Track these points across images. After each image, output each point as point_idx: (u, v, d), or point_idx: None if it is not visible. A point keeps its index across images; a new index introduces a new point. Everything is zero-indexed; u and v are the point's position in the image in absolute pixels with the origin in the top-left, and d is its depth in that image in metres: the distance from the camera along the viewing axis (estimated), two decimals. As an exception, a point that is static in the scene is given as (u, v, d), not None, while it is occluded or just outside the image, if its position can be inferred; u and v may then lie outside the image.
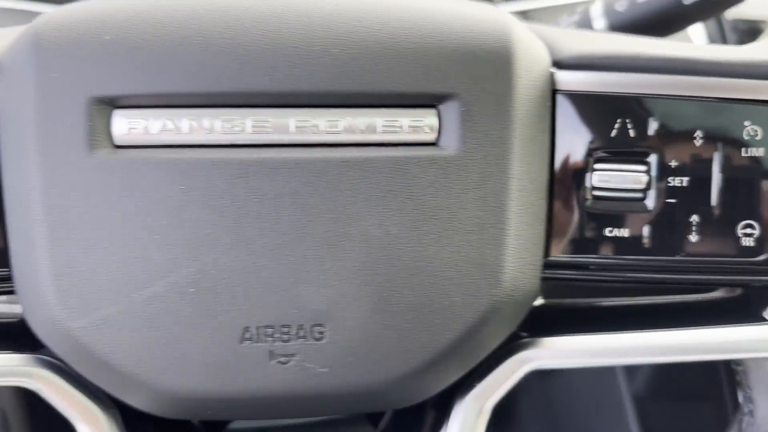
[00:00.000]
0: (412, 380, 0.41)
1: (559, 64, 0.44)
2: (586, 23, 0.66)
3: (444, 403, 0.46)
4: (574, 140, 0.44)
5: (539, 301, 0.52)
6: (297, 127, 0.39)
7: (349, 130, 0.39)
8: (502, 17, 0.42)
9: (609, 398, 1.10)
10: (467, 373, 0.45)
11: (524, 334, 0.47)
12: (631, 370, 1.09)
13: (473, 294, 0.41)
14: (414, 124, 0.40)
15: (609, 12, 0.64)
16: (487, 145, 0.40)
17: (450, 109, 0.40)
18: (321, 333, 0.40)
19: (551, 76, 0.43)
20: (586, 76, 0.43)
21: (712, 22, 0.90)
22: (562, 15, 0.70)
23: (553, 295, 0.54)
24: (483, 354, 0.44)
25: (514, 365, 0.45)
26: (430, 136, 0.40)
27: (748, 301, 0.46)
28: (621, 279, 0.46)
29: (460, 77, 0.40)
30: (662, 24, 0.61)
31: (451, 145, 0.40)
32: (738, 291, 0.48)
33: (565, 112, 0.44)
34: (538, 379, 1.23)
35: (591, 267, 0.45)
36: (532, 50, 0.42)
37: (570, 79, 0.44)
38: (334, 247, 0.39)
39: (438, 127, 0.40)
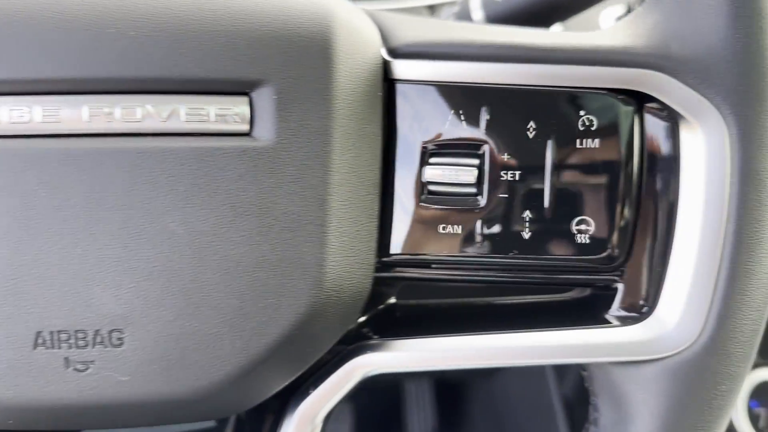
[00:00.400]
0: (227, 389, 0.38)
1: (394, 52, 0.41)
2: (465, 15, 0.64)
3: (282, 410, 0.44)
4: (410, 132, 0.41)
5: (392, 301, 0.49)
6: (90, 115, 0.36)
7: (150, 118, 0.37)
8: (325, 0, 0.39)
9: (540, 400, 1.10)
10: (305, 376, 0.43)
11: (375, 336, 0.45)
12: (560, 372, 1.08)
13: (291, 295, 0.38)
14: (221, 113, 0.37)
15: (486, 3, 0.62)
16: (304, 136, 0.38)
17: (262, 96, 0.37)
18: (120, 339, 0.37)
19: (384, 64, 0.41)
20: (419, 65, 0.41)
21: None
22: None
23: (415, 295, 0.51)
24: (310, 358, 0.41)
25: (352, 369, 0.43)
26: (242, 126, 0.37)
27: (594, 303, 0.44)
28: (463, 278, 0.44)
29: (273, 62, 0.37)
30: (539, 14, 0.59)
31: (264, 135, 0.37)
32: (588, 291, 0.45)
33: (403, 102, 0.41)
34: (483, 379, 1.22)
35: (433, 265, 0.43)
36: (357, 36, 0.40)
37: (404, 68, 0.41)
38: (131, 245, 0.36)
39: (249, 116, 0.37)
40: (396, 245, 0.42)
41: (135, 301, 0.37)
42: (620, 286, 0.42)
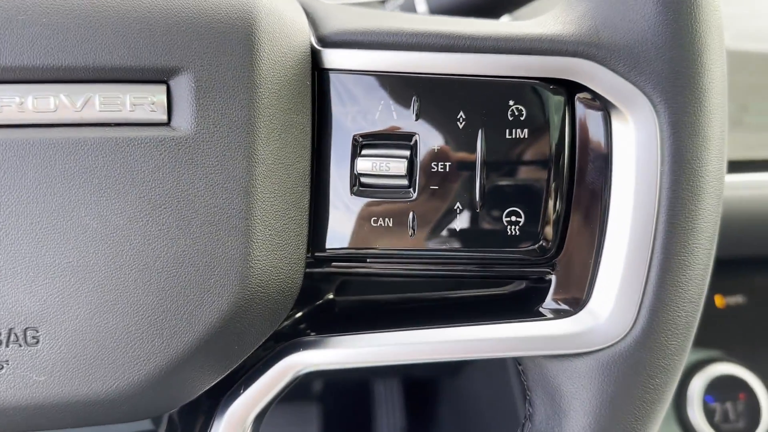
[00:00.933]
0: (148, 389, 0.37)
1: (323, 41, 0.40)
2: (409, 7, 0.63)
3: (214, 410, 0.43)
4: (342, 123, 0.40)
5: (330, 297, 0.48)
6: (1, 105, 0.35)
7: (64, 108, 0.35)
8: None
9: (503, 398, 1.10)
10: (239, 374, 0.41)
11: (312, 333, 0.44)
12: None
13: (214, 292, 0.37)
14: (138, 101, 0.36)
15: (430, -6, 0.61)
16: (225, 126, 0.36)
17: (181, 85, 0.36)
18: (35, 337, 0.36)
19: (313, 53, 0.40)
20: (349, 54, 0.40)
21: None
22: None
23: (358, 291, 0.50)
24: (237, 357, 0.40)
25: (285, 368, 0.41)
26: (159, 116, 0.36)
27: (530, 296, 0.43)
28: (399, 272, 0.43)
29: (192, 49, 0.36)
30: (483, 6, 0.58)
31: (182, 125, 0.36)
32: (524, 285, 0.44)
33: (334, 92, 0.40)
34: (448, 378, 1.21)
35: (368, 260, 0.42)
36: (283, 23, 0.39)
37: (334, 57, 0.40)
38: (44, 240, 0.35)
39: (167, 104, 0.36)
40: (331, 240, 0.41)
41: (50, 297, 0.35)
42: (553, 279, 0.42)
